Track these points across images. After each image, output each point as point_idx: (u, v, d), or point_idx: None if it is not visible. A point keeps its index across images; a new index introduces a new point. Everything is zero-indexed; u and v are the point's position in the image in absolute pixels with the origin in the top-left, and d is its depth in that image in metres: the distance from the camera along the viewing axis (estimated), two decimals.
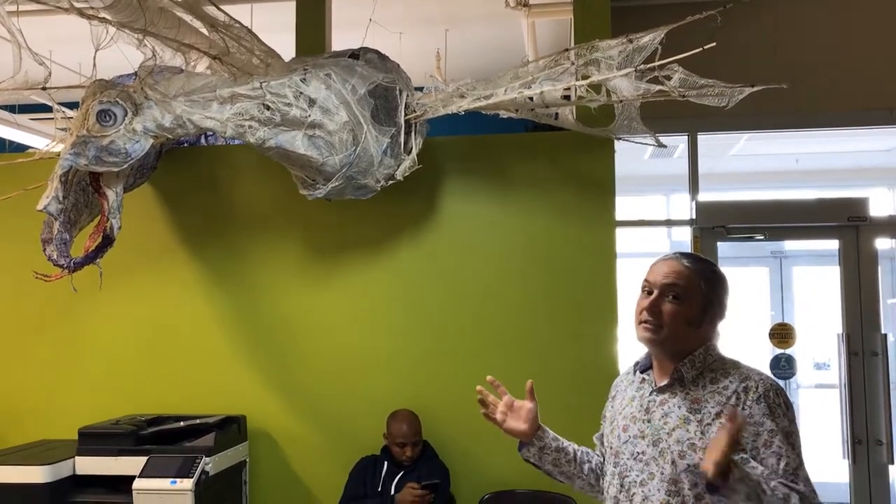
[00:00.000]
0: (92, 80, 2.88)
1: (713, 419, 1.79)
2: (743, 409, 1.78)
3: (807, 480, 1.74)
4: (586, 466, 2.11)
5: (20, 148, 5.61)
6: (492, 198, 3.67)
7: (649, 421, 1.89)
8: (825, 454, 4.47)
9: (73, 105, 2.96)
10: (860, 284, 4.43)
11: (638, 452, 1.88)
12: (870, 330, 4.38)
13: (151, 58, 2.82)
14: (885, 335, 4.38)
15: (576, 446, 2.15)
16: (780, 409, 1.78)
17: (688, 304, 1.87)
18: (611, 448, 1.98)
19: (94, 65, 2.68)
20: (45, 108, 2.91)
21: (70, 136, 2.78)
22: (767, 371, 4.43)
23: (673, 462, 1.80)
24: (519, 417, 2.07)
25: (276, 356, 3.74)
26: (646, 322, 1.89)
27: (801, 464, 1.75)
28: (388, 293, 3.69)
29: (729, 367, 1.87)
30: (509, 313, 3.60)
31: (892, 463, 4.27)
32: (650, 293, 1.91)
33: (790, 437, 1.76)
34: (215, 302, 3.79)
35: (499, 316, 3.61)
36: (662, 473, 1.81)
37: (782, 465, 1.73)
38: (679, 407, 1.85)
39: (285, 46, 3.52)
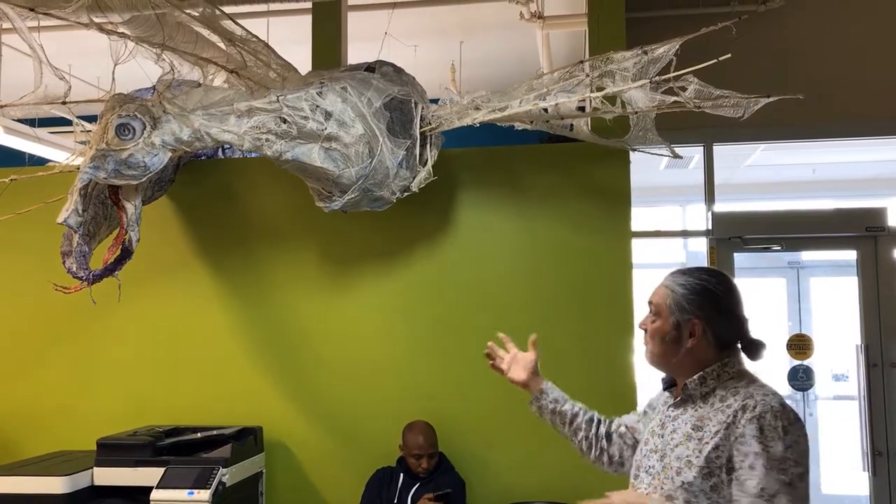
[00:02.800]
0: (111, 94, 2.92)
1: (712, 437, 1.76)
2: (737, 427, 1.73)
3: None
4: (580, 434, 2.19)
5: (40, 161, 5.66)
6: (507, 209, 3.67)
7: (662, 436, 1.90)
8: (845, 467, 4.42)
9: (91, 118, 2.99)
10: (879, 295, 4.39)
11: (649, 466, 1.90)
12: (889, 341, 4.34)
13: (169, 72, 2.85)
14: None
15: (582, 414, 2.22)
16: (775, 432, 1.69)
17: (662, 320, 1.91)
18: (635, 462, 2.00)
19: (113, 79, 2.71)
20: (65, 122, 2.93)
21: (89, 149, 2.81)
22: (785, 385, 4.42)
23: (671, 478, 1.79)
24: (518, 366, 2.27)
25: (292, 367, 3.75)
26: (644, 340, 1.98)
27: (780, 492, 1.65)
28: (403, 304, 3.70)
29: (741, 386, 1.82)
30: (524, 324, 3.58)
31: None
32: None
33: (781, 462, 1.67)
34: (232, 313, 3.81)
35: (514, 327, 3.57)
36: (663, 488, 1.81)
37: (758, 489, 1.66)
38: (686, 423, 1.85)
39: (301, 60, 3.55)
